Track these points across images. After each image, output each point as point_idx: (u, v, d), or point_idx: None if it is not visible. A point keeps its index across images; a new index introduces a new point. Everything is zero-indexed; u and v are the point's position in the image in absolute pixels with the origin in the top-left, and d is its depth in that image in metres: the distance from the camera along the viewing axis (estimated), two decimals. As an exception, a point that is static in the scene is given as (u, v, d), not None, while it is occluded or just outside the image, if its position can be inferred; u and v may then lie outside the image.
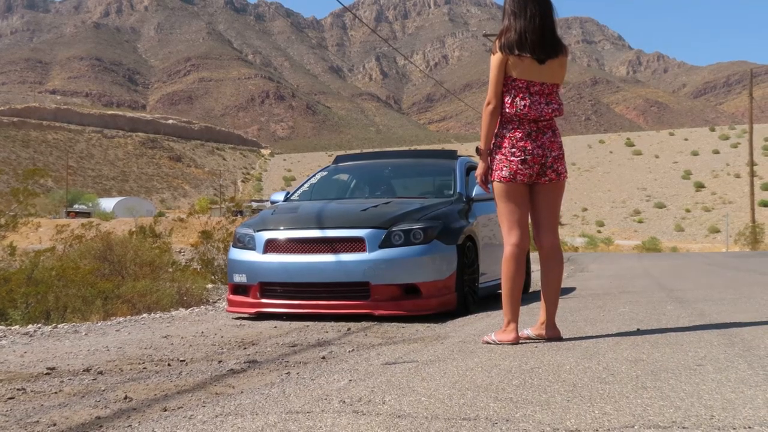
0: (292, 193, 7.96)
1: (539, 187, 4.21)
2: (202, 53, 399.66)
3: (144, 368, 4.03)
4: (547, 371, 3.19)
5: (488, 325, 5.15)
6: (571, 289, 8.89)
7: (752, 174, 46.48)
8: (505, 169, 4.11)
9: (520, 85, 4.09)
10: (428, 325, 5.70)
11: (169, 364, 4.15)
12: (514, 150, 4.09)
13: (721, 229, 70.54)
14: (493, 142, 4.19)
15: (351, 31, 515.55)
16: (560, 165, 4.19)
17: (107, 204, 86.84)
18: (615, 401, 2.57)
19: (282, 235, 6.42)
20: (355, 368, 3.61)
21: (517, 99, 4.09)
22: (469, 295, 6.51)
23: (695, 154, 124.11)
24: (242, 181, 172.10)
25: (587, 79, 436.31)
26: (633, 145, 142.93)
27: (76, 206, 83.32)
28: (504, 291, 4.18)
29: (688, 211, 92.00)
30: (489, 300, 7.36)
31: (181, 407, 2.98)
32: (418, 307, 6.06)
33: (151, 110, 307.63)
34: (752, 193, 46.17)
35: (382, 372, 3.41)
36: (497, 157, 4.15)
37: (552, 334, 4.20)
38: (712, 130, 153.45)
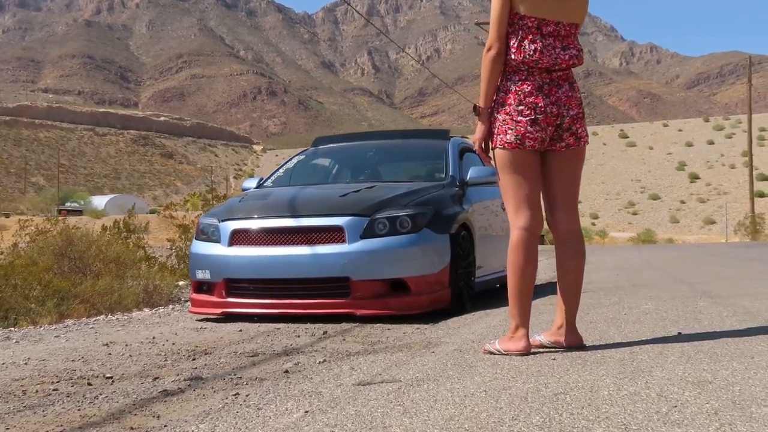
0: (266, 180, 7.09)
1: (554, 155, 3.30)
2: (194, 50, 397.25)
3: (54, 390, 3.17)
4: (579, 400, 2.27)
5: (488, 327, 4.32)
6: (577, 283, 8.05)
7: (751, 164, 45.68)
8: (510, 132, 3.19)
9: (530, 25, 3.18)
10: (418, 326, 4.86)
11: (89, 383, 3.30)
12: (521, 108, 3.17)
13: (718, 220, 69.88)
14: (495, 98, 3.28)
15: (343, 25, 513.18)
16: (580, 126, 3.29)
17: (99, 202, 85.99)
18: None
19: (250, 224, 5.58)
20: (319, 391, 2.76)
21: (526, 42, 3.17)
22: (465, 291, 5.68)
23: (689, 145, 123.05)
24: (234, 178, 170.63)
25: (580, 71, 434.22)
26: (627, 137, 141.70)
27: (67, 204, 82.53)
28: (510, 288, 3.26)
29: (683, 202, 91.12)
30: (486, 296, 6.52)
31: (70, 454, 2.14)
32: (406, 305, 5.23)
33: (143, 107, 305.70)
34: (751, 182, 45.38)
35: (351, 398, 2.55)
36: (500, 117, 3.22)
37: (572, 341, 3.29)
38: (706, 120, 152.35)
